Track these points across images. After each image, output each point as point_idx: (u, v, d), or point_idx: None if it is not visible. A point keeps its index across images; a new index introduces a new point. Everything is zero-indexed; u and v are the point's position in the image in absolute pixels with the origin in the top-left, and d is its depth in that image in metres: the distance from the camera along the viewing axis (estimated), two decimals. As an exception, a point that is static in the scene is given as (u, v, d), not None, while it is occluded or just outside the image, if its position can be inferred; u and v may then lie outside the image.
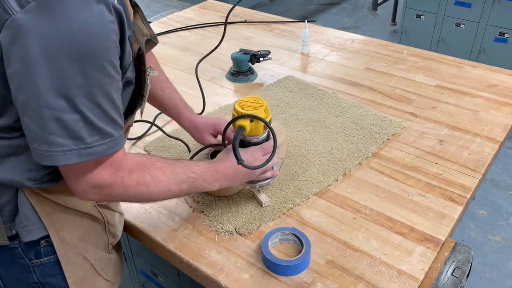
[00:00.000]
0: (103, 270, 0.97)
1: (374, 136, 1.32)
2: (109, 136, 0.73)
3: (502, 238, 2.33)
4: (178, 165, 0.92)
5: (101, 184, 0.78)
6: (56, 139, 0.69)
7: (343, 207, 1.11)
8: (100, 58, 0.68)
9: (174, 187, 0.90)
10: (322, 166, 1.22)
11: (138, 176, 0.84)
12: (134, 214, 1.11)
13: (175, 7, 5.17)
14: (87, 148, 0.71)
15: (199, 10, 2.29)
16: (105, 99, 0.71)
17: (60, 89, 0.66)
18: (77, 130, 0.69)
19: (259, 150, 1.02)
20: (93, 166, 0.76)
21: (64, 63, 0.65)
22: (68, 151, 0.70)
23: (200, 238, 1.04)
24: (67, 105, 0.67)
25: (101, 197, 0.82)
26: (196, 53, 1.82)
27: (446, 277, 0.95)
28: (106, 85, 0.70)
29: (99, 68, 0.68)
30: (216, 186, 0.98)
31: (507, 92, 1.53)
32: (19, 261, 0.87)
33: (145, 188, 0.85)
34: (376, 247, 1.00)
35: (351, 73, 1.68)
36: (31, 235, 0.84)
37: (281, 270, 0.94)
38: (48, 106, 0.66)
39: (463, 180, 1.17)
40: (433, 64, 1.71)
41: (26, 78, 0.65)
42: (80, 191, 0.79)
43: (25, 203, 0.82)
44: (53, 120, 0.67)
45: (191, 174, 0.93)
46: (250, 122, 0.99)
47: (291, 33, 2.02)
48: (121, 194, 0.83)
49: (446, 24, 3.43)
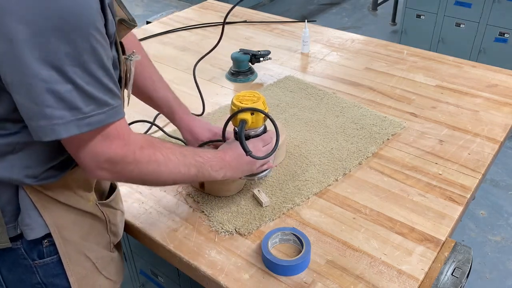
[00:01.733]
0: (104, 269, 0.97)
1: (374, 136, 1.32)
2: (106, 105, 0.72)
3: (502, 238, 2.33)
4: (185, 148, 0.93)
5: (112, 158, 0.78)
6: (53, 112, 0.68)
7: (343, 207, 1.11)
8: (85, 25, 0.66)
9: (183, 169, 0.90)
10: (322, 166, 1.22)
11: (149, 152, 0.84)
12: (134, 214, 1.11)
13: (175, 7, 5.18)
14: (85, 118, 0.70)
15: (199, 10, 2.29)
16: (96, 66, 0.70)
17: (49, 61, 0.65)
18: (72, 100, 0.68)
19: (260, 141, 1.04)
20: (101, 140, 0.75)
21: (49, 33, 0.64)
22: (67, 123, 0.69)
23: (200, 238, 1.04)
24: (58, 76, 0.66)
25: (112, 175, 0.81)
26: (196, 53, 1.82)
27: (446, 277, 0.95)
28: (95, 52, 0.69)
29: (85, 35, 0.67)
30: (221, 175, 0.98)
31: (507, 92, 1.53)
32: (22, 262, 0.87)
33: (157, 166, 0.85)
34: (376, 247, 1.00)
35: (351, 73, 1.68)
36: (35, 233, 0.84)
37: (281, 270, 0.94)
38: (40, 79, 0.65)
39: (463, 180, 1.17)
40: (433, 64, 1.71)
41: (14, 56, 0.64)
42: (92, 168, 0.78)
43: (26, 201, 0.82)
44: (47, 93, 0.67)
45: (199, 158, 0.93)
46: (251, 115, 1.01)
47: (291, 33, 2.02)
48: (132, 171, 0.82)
49: (446, 24, 3.43)
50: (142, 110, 1.43)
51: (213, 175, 0.97)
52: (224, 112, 1.47)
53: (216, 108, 1.50)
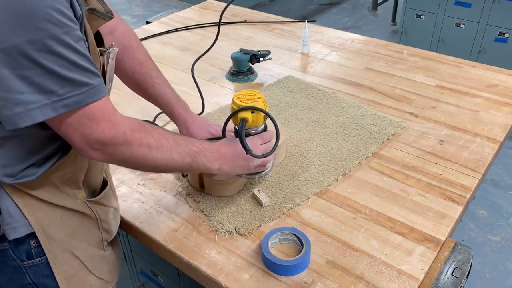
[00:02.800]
0: (95, 268, 0.95)
1: (374, 136, 1.32)
2: (84, 85, 0.72)
3: (502, 238, 2.33)
4: (180, 136, 0.92)
5: (102, 139, 0.78)
6: (27, 97, 0.68)
7: (343, 207, 1.11)
8: (45, 7, 0.65)
9: (176, 157, 0.89)
10: (322, 166, 1.22)
11: (140, 135, 0.83)
12: (134, 214, 1.11)
13: (175, 7, 5.17)
14: (61, 100, 0.70)
15: (199, 10, 2.29)
16: (65, 48, 0.69)
17: (15, 48, 0.65)
18: (45, 84, 0.68)
19: (259, 139, 1.04)
20: (88, 121, 0.75)
21: (9, 20, 0.63)
22: (42, 106, 0.69)
23: (200, 238, 1.04)
24: (27, 62, 0.66)
25: (105, 156, 0.81)
26: (196, 53, 1.82)
27: (446, 277, 0.95)
28: (61, 35, 0.68)
29: (46, 17, 0.66)
30: (216, 166, 0.97)
31: (507, 92, 1.53)
32: (11, 263, 0.86)
33: (148, 150, 0.84)
34: (376, 247, 1.00)
35: (351, 73, 1.68)
36: (17, 233, 0.83)
37: (281, 270, 0.94)
38: (9, 66, 0.66)
39: (463, 180, 1.17)
40: (433, 64, 1.71)
41: None
42: (85, 149, 0.78)
43: (6, 200, 0.81)
44: (18, 79, 0.67)
45: (193, 148, 0.92)
46: (252, 114, 1.02)
47: (291, 33, 2.02)
48: (124, 152, 0.82)
49: (446, 24, 3.43)
50: (142, 109, 1.44)
51: (207, 166, 0.96)
52: (224, 112, 1.46)
53: (216, 108, 1.50)
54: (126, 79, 1.15)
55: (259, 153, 1.02)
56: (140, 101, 1.20)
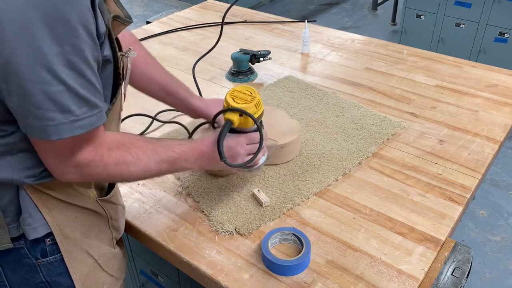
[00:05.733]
0: (107, 265, 0.97)
1: (374, 136, 1.32)
2: (96, 107, 0.73)
3: (502, 238, 2.33)
4: (159, 144, 0.92)
5: (80, 163, 0.78)
6: (46, 113, 0.68)
7: (343, 207, 1.11)
8: (75, 23, 0.66)
9: (154, 166, 0.90)
10: (322, 166, 1.22)
11: (117, 154, 0.83)
12: (134, 214, 1.11)
13: (175, 7, 5.18)
14: (78, 121, 0.70)
15: (199, 10, 2.29)
16: (86, 66, 0.69)
17: (40, 61, 0.65)
18: (64, 102, 0.68)
19: (245, 138, 1.01)
20: (73, 144, 0.75)
21: (39, 33, 0.63)
22: (59, 125, 0.69)
23: (200, 238, 1.04)
24: (50, 77, 0.66)
25: (79, 177, 0.81)
26: (196, 53, 1.82)
27: (446, 277, 0.95)
28: (84, 52, 0.68)
29: (74, 33, 0.66)
30: (196, 166, 0.98)
31: (507, 92, 1.53)
32: (26, 261, 0.87)
33: (125, 167, 0.84)
34: (376, 247, 1.00)
35: (351, 73, 1.68)
36: (36, 232, 0.84)
37: (281, 270, 0.94)
38: (32, 80, 0.66)
39: (463, 180, 1.17)
40: (433, 64, 1.71)
41: (5, 57, 0.64)
42: (59, 171, 0.78)
43: (27, 201, 0.82)
44: (40, 94, 0.67)
45: (172, 154, 0.92)
46: (240, 116, 0.97)
47: (291, 33, 2.02)
48: (100, 173, 0.82)
49: (446, 24, 3.43)
50: (143, 109, 1.44)
51: (188, 167, 0.97)
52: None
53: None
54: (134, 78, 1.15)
55: (242, 152, 0.99)
56: (142, 101, 1.20)
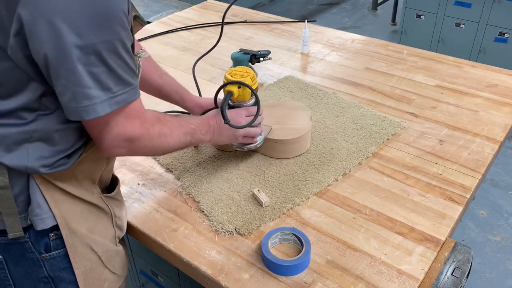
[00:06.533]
0: (110, 263, 0.98)
1: (374, 136, 1.32)
2: (130, 85, 0.79)
3: (502, 238, 2.33)
4: (180, 119, 1.04)
5: (132, 136, 0.85)
6: (93, 92, 0.74)
7: (343, 207, 1.11)
8: (119, 12, 0.73)
9: (183, 138, 1.00)
10: (322, 166, 1.22)
11: (158, 127, 0.92)
12: (134, 214, 1.11)
13: (175, 7, 5.17)
14: (115, 97, 0.77)
15: (199, 10, 2.29)
16: (125, 51, 0.76)
17: (90, 46, 0.71)
18: (106, 81, 0.75)
19: (244, 111, 1.15)
20: (123, 121, 0.82)
21: (89, 21, 0.70)
22: (102, 102, 0.76)
23: (200, 238, 1.04)
24: (96, 59, 0.72)
25: (128, 151, 0.88)
26: (196, 53, 1.82)
27: (446, 277, 0.95)
28: (124, 37, 0.75)
29: (119, 21, 0.73)
30: (208, 137, 1.09)
31: (507, 92, 1.53)
32: (29, 255, 0.87)
33: (165, 138, 0.94)
34: (376, 247, 1.00)
35: (351, 73, 1.68)
36: (44, 224, 0.85)
37: (281, 270, 0.94)
38: (83, 63, 0.72)
39: (463, 180, 1.17)
40: (433, 64, 1.71)
41: (57, 44, 0.70)
42: (112, 147, 0.84)
43: (36, 191, 0.84)
44: (88, 75, 0.73)
45: (192, 126, 1.04)
46: (238, 88, 1.13)
47: (291, 33, 2.02)
48: (146, 146, 0.90)
49: (446, 24, 3.43)
50: (142, 110, 1.43)
51: (202, 138, 1.07)
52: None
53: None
54: None
55: (243, 121, 1.12)
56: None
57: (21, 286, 0.90)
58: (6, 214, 0.82)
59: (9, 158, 0.78)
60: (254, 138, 1.18)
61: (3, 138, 0.78)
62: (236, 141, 1.16)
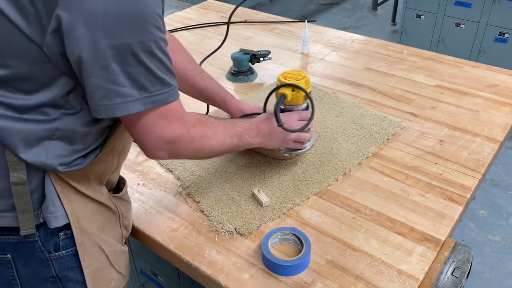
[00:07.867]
0: (116, 262, 0.98)
1: (374, 136, 1.32)
2: (168, 85, 0.80)
3: (502, 238, 2.33)
4: (226, 121, 1.04)
5: (172, 138, 0.85)
6: (127, 90, 0.75)
7: (343, 207, 1.11)
8: (153, 13, 0.74)
9: (228, 140, 1.00)
10: (322, 166, 1.22)
11: (200, 129, 0.92)
12: (134, 214, 1.11)
13: (175, 7, 5.18)
14: (150, 97, 0.78)
15: (199, 10, 2.29)
16: (161, 52, 0.77)
17: (125, 46, 0.72)
18: (143, 81, 0.76)
19: (296, 115, 1.13)
20: (163, 122, 0.82)
21: (124, 22, 0.71)
22: (135, 100, 0.76)
23: (200, 238, 1.04)
24: (133, 59, 0.74)
25: (170, 154, 0.88)
26: (196, 53, 1.82)
27: (446, 277, 0.95)
28: (159, 38, 0.76)
29: (154, 22, 0.74)
30: (256, 141, 1.08)
31: (507, 92, 1.53)
32: (38, 255, 0.88)
33: (207, 140, 0.94)
34: (376, 247, 1.00)
35: (351, 73, 1.68)
36: (57, 222, 0.86)
37: (281, 270, 0.94)
38: (117, 62, 0.73)
39: (463, 180, 1.17)
40: (433, 64, 1.71)
41: (93, 46, 0.71)
42: (153, 149, 0.86)
43: (51, 189, 0.84)
44: (123, 74, 0.74)
45: (238, 129, 1.04)
46: (292, 91, 1.10)
47: (291, 33, 2.02)
48: (188, 148, 0.90)
49: (446, 24, 3.43)
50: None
51: (250, 142, 1.06)
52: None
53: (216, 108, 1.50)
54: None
55: (295, 126, 1.10)
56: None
57: (27, 286, 0.90)
58: (21, 210, 0.83)
59: (29, 154, 0.79)
60: (303, 144, 1.16)
61: (26, 134, 0.78)
62: (286, 145, 1.14)
